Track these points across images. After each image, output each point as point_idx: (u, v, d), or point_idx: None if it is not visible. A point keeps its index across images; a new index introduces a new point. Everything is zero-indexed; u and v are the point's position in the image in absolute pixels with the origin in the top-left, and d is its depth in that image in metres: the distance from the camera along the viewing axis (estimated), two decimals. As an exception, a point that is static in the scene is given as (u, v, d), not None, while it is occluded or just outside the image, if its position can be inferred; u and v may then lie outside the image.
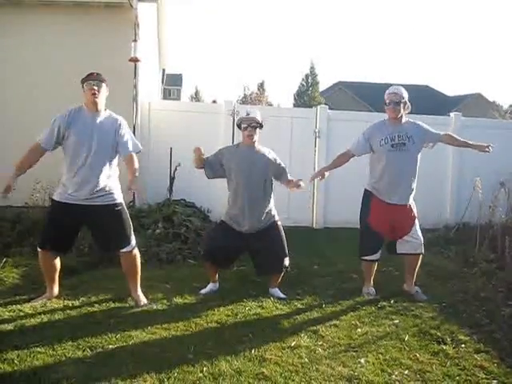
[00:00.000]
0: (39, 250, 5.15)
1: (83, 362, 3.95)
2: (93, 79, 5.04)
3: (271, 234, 5.56)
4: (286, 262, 5.59)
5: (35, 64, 8.30)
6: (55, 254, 5.20)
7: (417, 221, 5.70)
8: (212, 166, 5.56)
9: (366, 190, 5.81)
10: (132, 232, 5.26)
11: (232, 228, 5.54)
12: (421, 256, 5.78)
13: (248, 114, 5.53)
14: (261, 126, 5.56)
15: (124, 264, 5.27)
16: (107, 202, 5.07)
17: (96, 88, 5.01)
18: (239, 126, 5.62)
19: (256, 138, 5.55)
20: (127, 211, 5.31)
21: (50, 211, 5.28)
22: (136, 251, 5.28)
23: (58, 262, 5.24)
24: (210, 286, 5.72)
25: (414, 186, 5.66)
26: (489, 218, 8.21)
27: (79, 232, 5.41)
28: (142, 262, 5.37)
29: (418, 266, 5.81)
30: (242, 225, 5.50)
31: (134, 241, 5.25)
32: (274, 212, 5.66)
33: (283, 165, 5.73)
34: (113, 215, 5.11)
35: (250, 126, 5.49)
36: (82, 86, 5.07)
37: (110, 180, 5.12)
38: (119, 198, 5.19)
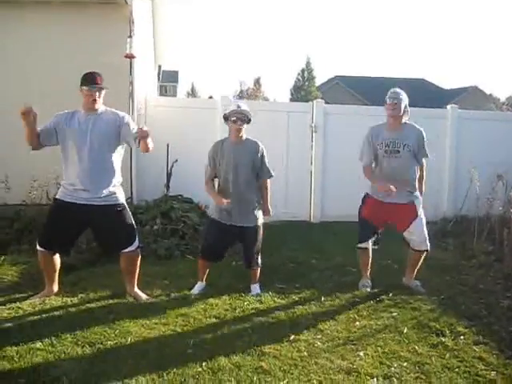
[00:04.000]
0: (39, 248, 5.15)
1: (82, 358, 3.95)
2: (95, 85, 4.99)
3: (252, 236, 5.56)
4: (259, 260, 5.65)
5: (30, 62, 8.26)
6: (55, 253, 5.20)
7: (420, 219, 5.63)
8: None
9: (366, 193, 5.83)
10: (135, 232, 5.28)
11: (222, 223, 5.50)
12: (424, 253, 5.74)
13: (239, 107, 5.49)
14: (249, 121, 5.51)
15: (124, 263, 5.26)
16: (110, 202, 5.06)
17: (97, 94, 5.00)
18: (226, 119, 5.55)
19: (243, 132, 5.52)
20: (130, 212, 5.31)
21: (51, 210, 5.24)
22: (138, 251, 5.28)
23: (57, 261, 5.24)
24: (199, 286, 5.67)
25: (412, 186, 5.61)
26: (487, 210, 8.22)
27: (80, 233, 5.39)
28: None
29: (419, 263, 5.78)
30: (231, 217, 5.46)
31: (137, 241, 5.26)
32: (259, 215, 5.60)
33: (265, 160, 5.60)
34: (115, 216, 5.11)
35: (240, 119, 5.44)
36: (81, 87, 5.03)
37: (112, 181, 5.10)
38: (121, 199, 5.18)
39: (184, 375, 3.71)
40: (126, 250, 5.17)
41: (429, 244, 5.69)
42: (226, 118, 5.56)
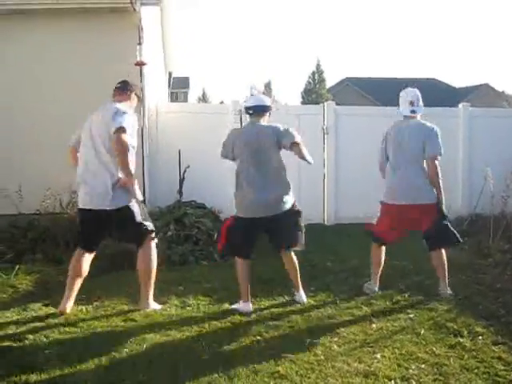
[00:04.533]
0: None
1: (98, 366, 3.94)
2: None
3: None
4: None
5: (41, 71, 8.31)
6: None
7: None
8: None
9: None
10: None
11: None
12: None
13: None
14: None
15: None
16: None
17: None
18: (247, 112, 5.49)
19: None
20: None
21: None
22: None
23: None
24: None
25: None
26: (501, 208, 8.15)
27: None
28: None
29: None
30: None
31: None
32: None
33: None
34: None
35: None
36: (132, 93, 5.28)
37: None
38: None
39: (200, 381, 3.69)
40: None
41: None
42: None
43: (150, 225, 5.15)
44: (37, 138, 7.85)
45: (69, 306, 5.09)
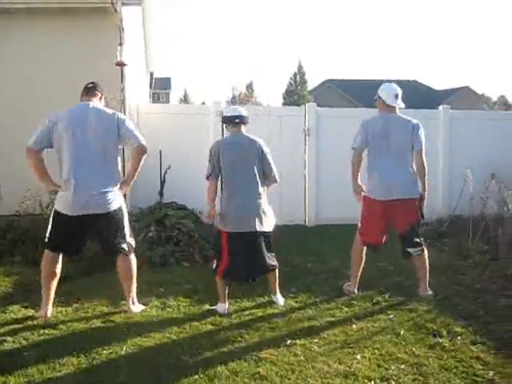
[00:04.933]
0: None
1: (78, 368, 3.92)
2: None
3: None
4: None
5: (21, 71, 8.26)
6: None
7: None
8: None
9: None
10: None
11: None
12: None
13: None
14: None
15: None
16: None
17: None
18: (224, 122, 5.61)
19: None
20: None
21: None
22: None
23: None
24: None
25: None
26: (481, 209, 8.22)
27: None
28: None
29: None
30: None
31: (132, 242, 5.15)
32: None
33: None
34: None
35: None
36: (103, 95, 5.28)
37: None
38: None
39: (180, 382, 3.69)
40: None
41: None
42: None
43: (132, 241, 5.19)
44: (16, 137, 7.78)
45: (49, 309, 5.01)
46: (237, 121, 5.40)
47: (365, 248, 5.75)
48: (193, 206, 8.24)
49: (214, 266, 5.29)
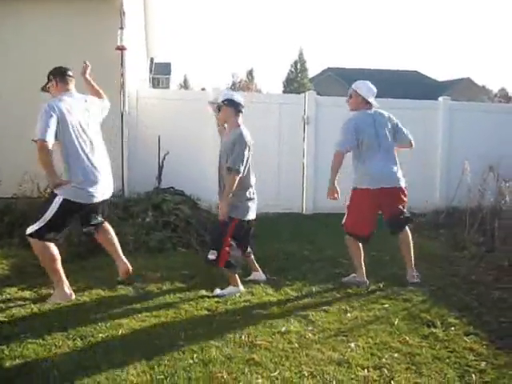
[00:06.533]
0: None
1: (73, 350, 3.94)
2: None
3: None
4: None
5: (20, 55, 8.23)
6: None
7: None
8: None
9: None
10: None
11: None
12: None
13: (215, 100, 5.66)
14: (220, 105, 5.51)
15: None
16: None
17: None
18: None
19: (220, 115, 5.59)
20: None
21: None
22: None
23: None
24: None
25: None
26: (478, 201, 8.23)
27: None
28: (131, 251, 5.38)
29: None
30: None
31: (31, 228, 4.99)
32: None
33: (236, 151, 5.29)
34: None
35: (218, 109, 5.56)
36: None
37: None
38: None
39: (175, 367, 3.70)
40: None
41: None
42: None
43: None
44: (16, 122, 7.77)
45: (69, 288, 5.10)
46: (243, 109, 5.49)
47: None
48: (190, 192, 8.26)
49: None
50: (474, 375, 3.70)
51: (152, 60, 18.14)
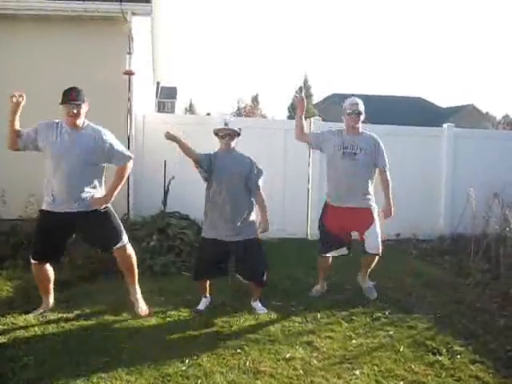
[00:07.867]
0: (32, 261, 5.15)
1: (77, 374, 3.93)
2: (72, 102, 5.09)
3: (252, 247, 5.49)
4: (265, 276, 5.55)
5: (28, 78, 8.28)
6: (47, 263, 5.22)
7: (375, 224, 5.87)
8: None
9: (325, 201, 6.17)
10: (122, 229, 5.35)
11: (213, 240, 5.46)
12: (376, 257, 5.92)
13: (226, 125, 5.62)
14: (238, 134, 5.66)
15: (120, 262, 5.34)
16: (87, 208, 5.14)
17: (75, 111, 5.08)
18: (216, 135, 5.75)
19: (233, 144, 5.68)
20: (114, 212, 5.38)
21: (38, 221, 5.32)
22: (129, 247, 5.37)
23: (51, 271, 5.27)
24: (204, 302, 5.65)
25: (367, 190, 5.90)
26: (483, 228, 8.22)
27: (68, 239, 5.40)
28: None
29: (372, 265, 5.99)
30: (222, 230, 5.44)
31: (125, 237, 5.33)
32: (255, 227, 5.59)
33: (256, 172, 5.60)
34: (99, 217, 5.19)
35: (229, 135, 5.61)
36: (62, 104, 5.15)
37: (95, 189, 5.21)
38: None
39: (179, 393, 3.69)
40: (117, 246, 5.25)
41: (381, 249, 5.89)
42: (216, 134, 5.80)
43: None
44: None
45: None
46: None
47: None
48: (195, 217, 8.26)
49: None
50: (480, 404, 3.68)
51: (158, 84, 18.27)
